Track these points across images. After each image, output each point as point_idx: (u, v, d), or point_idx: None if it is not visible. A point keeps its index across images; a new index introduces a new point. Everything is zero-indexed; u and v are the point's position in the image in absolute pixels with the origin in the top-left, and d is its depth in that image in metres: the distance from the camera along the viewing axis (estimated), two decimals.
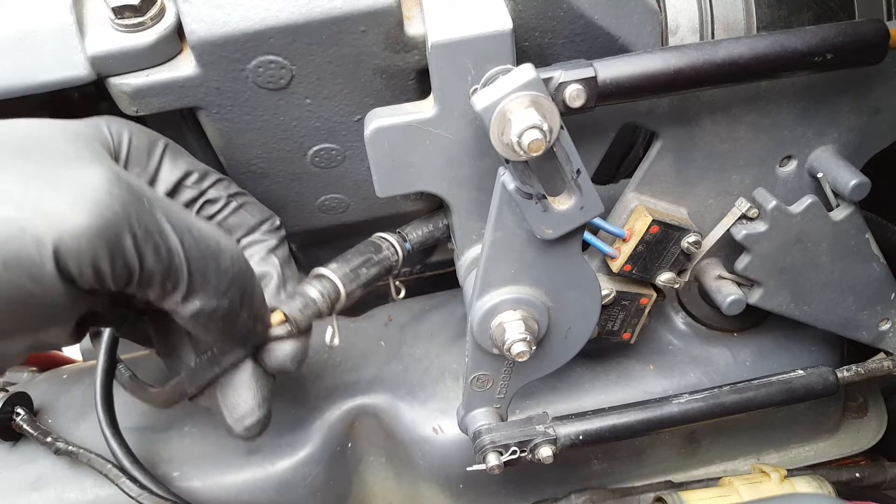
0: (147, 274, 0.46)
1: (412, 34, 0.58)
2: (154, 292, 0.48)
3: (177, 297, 0.49)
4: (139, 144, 0.54)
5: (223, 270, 0.50)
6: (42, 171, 0.43)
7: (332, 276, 0.62)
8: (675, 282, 0.67)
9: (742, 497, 0.74)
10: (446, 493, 0.85)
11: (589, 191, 0.53)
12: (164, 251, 0.46)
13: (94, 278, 0.43)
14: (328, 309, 0.61)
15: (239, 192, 0.61)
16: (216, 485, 0.79)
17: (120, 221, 0.43)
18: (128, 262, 0.44)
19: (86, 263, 0.42)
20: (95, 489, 0.79)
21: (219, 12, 0.55)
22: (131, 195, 0.44)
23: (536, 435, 0.66)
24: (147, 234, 0.45)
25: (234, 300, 0.52)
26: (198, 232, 0.49)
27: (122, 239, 0.43)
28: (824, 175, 0.65)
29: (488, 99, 0.47)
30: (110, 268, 0.43)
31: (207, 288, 0.50)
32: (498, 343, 0.60)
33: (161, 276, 0.47)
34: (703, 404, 0.71)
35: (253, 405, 0.60)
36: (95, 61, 0.56)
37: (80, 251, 0.42)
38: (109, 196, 0.43)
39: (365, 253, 0.65)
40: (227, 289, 0.51)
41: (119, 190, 0.44)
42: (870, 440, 0.92)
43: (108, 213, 0.42)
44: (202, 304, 0.50)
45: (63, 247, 0.41)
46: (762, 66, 0.54)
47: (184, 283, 0.48)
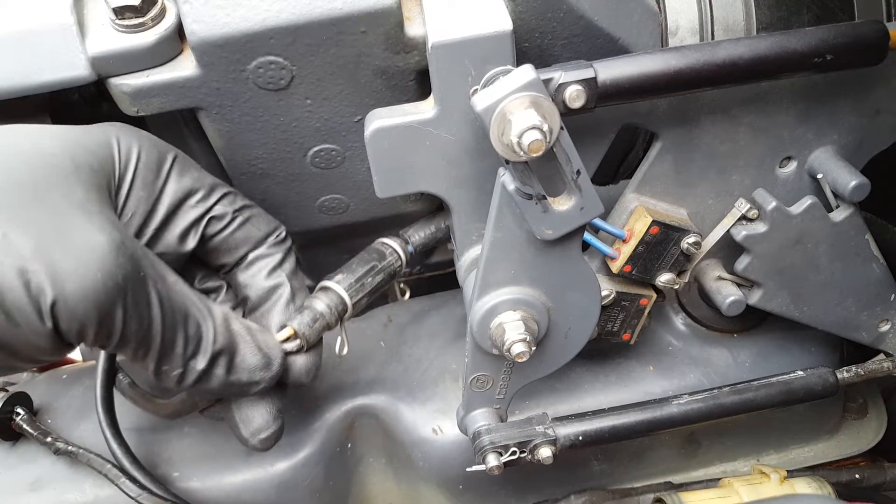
0: (125, 340, 0.48)
1: (412, 35, 0.58)
2: (125, 354, 0.50)
3: (148, 364, 0.51)
4: (148, 161, 0.54)
5: (189, 338, 0.52)
6: (51, 221, 0.44)
7: (338, 288, 0.63)
8: (674, 282, 0.67)
9: (742, 498, 0.74)
10: (446, 493, 0.85)
11: (589, 191, 0.53)
12: (146, 323, 0.48)
13: (77, 336, 0.45)
14: (336, 321, 0.63)
15: (245, 205, 0.61)
16: (216, 485, 0.79)
17: (117, 295, 0.45)
18: (111, 329, 0.46)
19: (74, 325, 0.44)
20: (95, 489, 0.79)
21: (219, 13, 0.55)
22: (132, 266, 0.46)
23: (536, 435, 0.66)
24: (136, 306, 0.47)
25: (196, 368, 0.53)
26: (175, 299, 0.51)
27: (114, 311, 0.45)
28: (824, 176, 0.65)
29: (488, 99, 0.47)
30: (94, 333, 0.46)
31: (174, 355, 0.52)
32: (498, 343, 0.60)
33: (135, 345, 0.49)
34: (702, 405, 0.71)
35: (268, 418, 0.62)
36: (96, 62, 0.56)
37: (75, 314, 0.44)
38: (114, 266, 0.45)
39: (369, 262, 0.66)
40: (192, 357, 0.53)
41: (123, 259, 0.46)
42: (869, 441, 0.92)
43: (109, 283, 0.44)
44: (168, 369, 0.52)
45: (59, 306, 0.43)
46: (762, 67, 0.54)
47: (155, 353, 0.51)
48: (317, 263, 0.84)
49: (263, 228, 0.62)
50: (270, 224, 0.63)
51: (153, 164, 0.55)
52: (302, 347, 0.61)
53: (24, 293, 0.42)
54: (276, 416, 0.62)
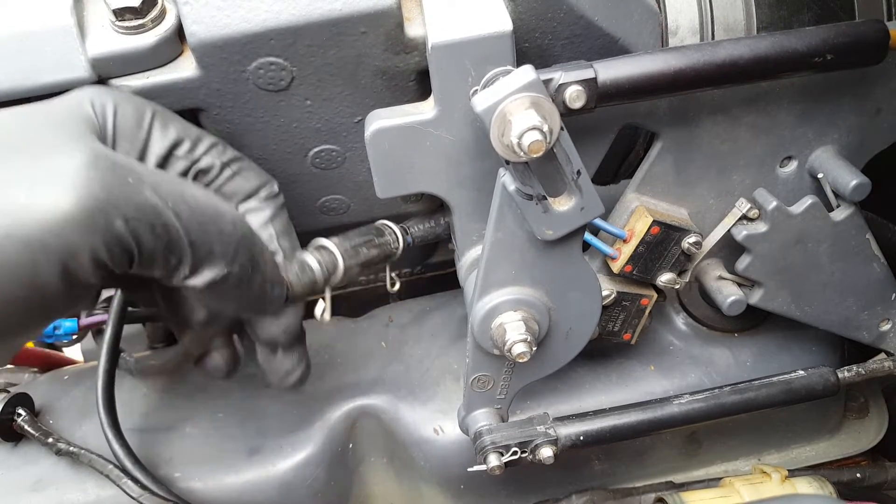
0: (147, 254, 0.44)
1: (412, 35, 0.58)
2: (159, 270, 0.46)
3: (184, 271, 0.47)
4: (126, 116, 0.52)
5: (226, 235, 0.49)
6: (20, 167, 0.42)
7: (333, 248, 0.61)
8: (675, 282, 0.67)
9: (743, 497, 0.74)
10: (447, 493, 0.85)
11: (589, 192, 0.53)
12: (160, 227, 0.44)
13: (95, 269, 0.42)
14: (324, 280, 0.61)
15: (234, 157, 0.58)
16: (217, 486, 0.79)
17: (105, 206, 0.41)
18: (124, 245, 0.43)
19: (83, 255, 0.41)
20: (97, 490, 0.79)
21: (219, 14, 0.55)
22: (113, 175, 0.42)
23: (537, 435, 0.66)
24: (138, 212, 0.43)
25: (244, 265, 0.51)
26: (193, 200, 0.48)
27: (112, 223, 0.41)
28: (825, 175, 0.65)
29: (489, 100, 0.47)
30: (108, 255, 0.42)
31: (213, 257, 0.48)
32: (498, 344, 0.60)
33: (163, 254, 0.45)
34: (703, 405, 0.71)
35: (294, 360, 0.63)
36: (96, 63, 0.56)
37: (72, 243, 0.40)
38: (88, 180, 0.41)
39: (367, 234, 0.65)
40: (235, 254, 0.50)
41: (98, 172, 0.42)
42: (871, 440, 0.92)
43: (90, 198, 0.41)
44: (212, 274, 0.49)
45: (52, 244, 0.40)
46: (762, 66, 0.54)
47: (188, 257, 0.47)
48: None
49: (254, 181, 0.59)
50: (261, 177, 0.60)
51: (131, 117, 0.52)
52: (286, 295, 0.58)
53: (13, 249, 0.39)
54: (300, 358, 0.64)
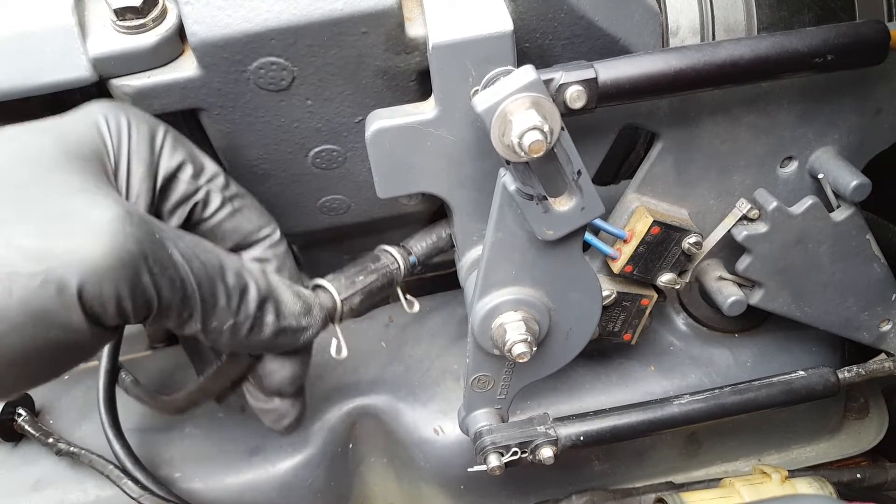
0: (164, 306, 0.47)
1: (413, 35, 0.58)
2: (172, 322, 0.49)
3: (195, 324, 0.50)
4: (140, 135, 0.53)
5: (230, 289, 0.51)
6: (50, 214, 0.43)
7: (327, 285, 0.63)
8: (675, 283, 0.67)
9: (743, 498, 0.74)
10: (447, 494, 0.85)
11: (590, 192, 0.53)
12: (179, 283, 0.47)
13: (118, 316, 0.44)
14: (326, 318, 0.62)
15: (237, 193, 0.59)
16: (217, 486, 0.79)
17: (137, 259, 0.43)
18: (147, 297, 0.45)
19: (110, 303, 0.43)
20: (97, 490, 0.79)
21: (220, 14, 0.55)
22: (143, 231, 0.45)
23: (537, 436, 0.66)
24: (161, 268, 0.45)
25: (250, 313, 0.53)
26: (203, 255, 0.50)
27: (140, 275, 0.44)
28: (825, 176, 0.65)
29: (489, 100, 0.47)
30: (132, 304, 0.44)
31: (219, 310, 0.51)
32: (499, 344, 0.60)
33: (177, 307, 0.48)
34: (703, 405, 0.71)
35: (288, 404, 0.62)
36: (97, 63, 0.56)
37: (104, 292, 0.42)
38: (124, 235, 0.43)
39: (362, 263, 0.66)
40: (239, 306, 0.52)
41: (132, 227, 0.44)
42: (871, 441, 0.92)
43: (125, 251, 0.43)
44: (218, 324, 0.51)
45: (86, 291, 0.42)
46: (763, 67, 0.54)
47: (198, 311, 0.49)
48: (317, 264, 0.84)
49: (255, 222, 0.59)
50: (262, 217, 0.60)
51: (145, 137, 0.53)
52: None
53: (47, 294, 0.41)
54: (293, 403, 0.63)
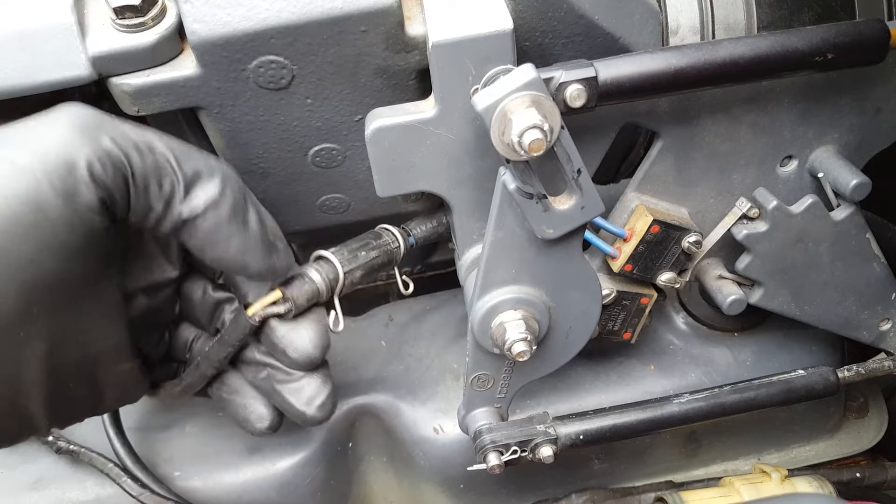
0: (139, 173, 0.47)
1: (413, 34, 0.58)
2: (156, 199, 0.48)
3: (178, 193, 0.49)
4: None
5: (213, 163, 0.51)
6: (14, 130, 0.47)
7: (330, 256, 0.62)
8: (675, 282, 0.67)
9: (743, 497, 0.74)
10: (447, 493, 0.85)
11: (589, 190, 0.53)
12: (146, 148, 0.48)
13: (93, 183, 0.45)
14: (328, 290, 0.61)
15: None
16: (217, 484, 0.79)
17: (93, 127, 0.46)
18: (115, 160, 0.46)
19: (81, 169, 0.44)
20: (97, 488, 0.79)
21: (220, 12, 0.55)
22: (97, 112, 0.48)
23: (537, 434, 0.66)
24: (123, 135, 0.47)
25: (235, 194, 0.52)
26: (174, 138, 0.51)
27: (99, 139, 0.46)
28: (825, 175, 0.65)
29: (489, 99, 0.47)
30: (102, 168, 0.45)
31: (202, 175, 0.50)
32: (499, 343, 0.60)
33: (155, 174, 0.48)
34: (703, 404, 0.71)
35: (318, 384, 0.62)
36: (96, 61, 0.56)
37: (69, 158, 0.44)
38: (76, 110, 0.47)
39: (364, 239, 0.65)
40: (225, 180, 0.51)
41: (84, 109, 0.47)
42: (870, 440, 0.92)
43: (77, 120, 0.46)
44: (205, 194, 0.50)
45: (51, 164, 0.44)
46: (763, 66, 0.54)
47: (179, 177, 0.49)
48: None
49: None
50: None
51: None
52: (290, 311, 0.59)
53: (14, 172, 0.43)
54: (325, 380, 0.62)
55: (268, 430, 0.64)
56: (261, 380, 0.62)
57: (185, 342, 0.65)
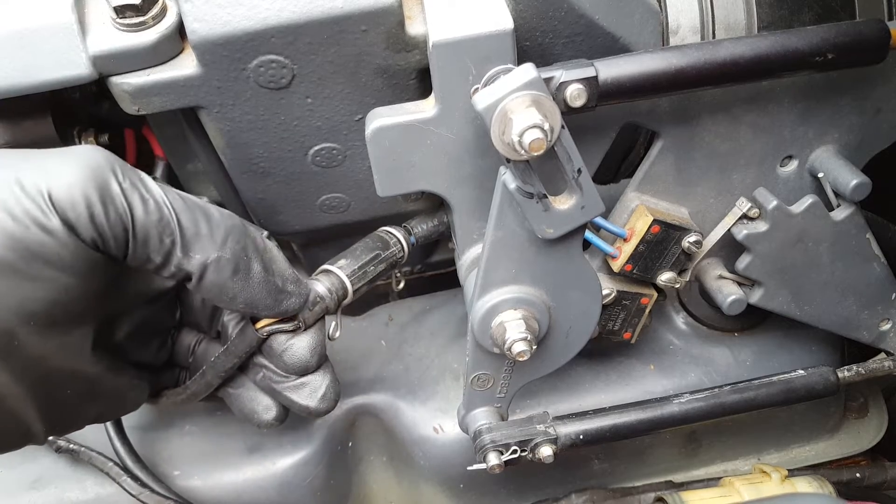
0: (140, 225, 0.48)
1: (413, 34, 0.58)
2: (155, 252, 0.49)
3: (177, 253, 0.50)
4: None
5: (214, 220, 0.52)
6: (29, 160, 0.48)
7: (341, 273, 0.63)
8: (675, 281, 0.67)
9: (743, 497, 0.74)
10: (447, 492, 0.85)
11: (590, 190, 0.53)
12: (152, 203, 0.49)
13: (90, 223, 0.46)
14: (335, 305, 0.62)
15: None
16: (217, 484, 0.79)
17: (104, 171, 0.47)
18: (118, 209, 0.47)
19: (80, 206, 0.45)
20: (96, 488, 0.79)
21: (220, 12, 0.55)
22: (113, 157, 0.49)
23: (537, 434, 0.66)
24: (132, 186, 0.48)
25: (236, 251, 0.52)
26: (180, 193, 0.51)
27: (109, 185, 0.47)
28: (825, 175, 0.65)
29: (489, 98, 0.47)
30: (103, 212, 0.46)
31: (202, 238, 0.51)
32: (499, 342, 0.60)
33: (156, 230, 0.49)
34: (703, 404, 0.71)
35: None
36: (97, 60, 0.56)
37: (73, 194, 0.45)
38: (93, 152, 0.48)
39: (373, 249, 0.65)
40: (224, 239, 0.52)
41: (102, 153, 0.48)
42: (870, 440, 0.92)
43: (92, 163, 0.47)
44: (203, 257, 0.51)
45: (55, 192, 0.45)
46: (763, 66, 0.54)
47: (178, 237, 0.50)
48: (318, 263, 0.83)
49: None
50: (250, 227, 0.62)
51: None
52: (300, 328, 0.60)
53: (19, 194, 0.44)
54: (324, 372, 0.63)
55: (275, 420, 0.64)
56: (259, 380, 0.63)
57: (188, 346, 0.66)
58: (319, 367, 0.62)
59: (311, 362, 0.61)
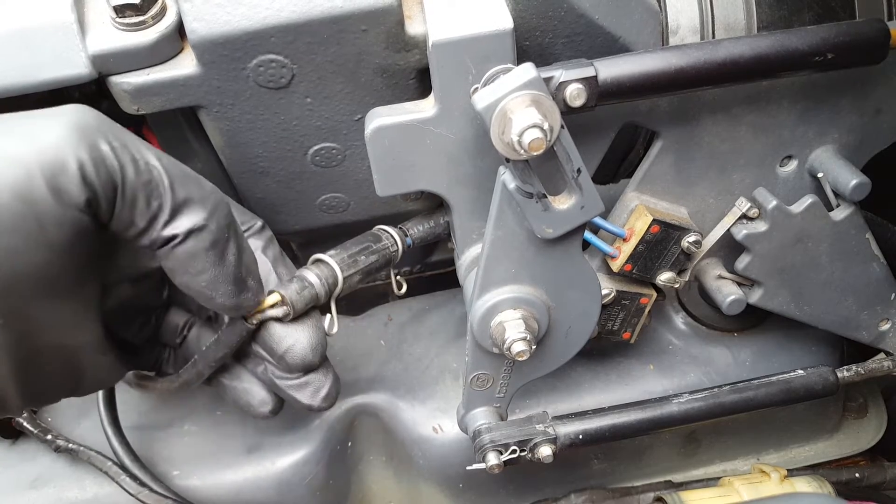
0: (130, 186, 0.47)
1: (413, 33, 0.58)
2: (141, 216, 0.48)
3: (163, 215, 0.49)
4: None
5: (206, 190, 0.51)
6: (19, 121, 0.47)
7: (330, 260, 0.62)
8: (675, 281, 0.67)
9: (742, 497, 0.74)
10: (446, 492, 0.85)
11: (589, 190, 0.53)
12: (143, 163, 0.47)
13: (82, 184, 0.44)
14: (326, 294, 0.61)
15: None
16: (216, 483, 0.79)
17: (94, 130, 0.46)
18: (109, 167, 0.46)
19: (72, 168, 0.44)
20: (95, 487, 0.79)
21: (220, 11, 0.55)
22: (103, 117, 0.47)
23: (536, 434, 0.66)
24: (123, 145, 0.47)
25: (221, 226, 0.51)
26: (171, 158, 0.50)
27: (97, 142, 0.45)
28: (825, 175, 0.65)
29: (489, 98, 0.47)
30: (94, 172, 0.45)
31: (192, 203, 0.50)
32: (498, 342, 0.60)
33: (144, 192, 0.47)
34: (703, 404, 0.71)
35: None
36: (96, 60, 0.56)
37: (62, 155, 0.44)
38: (81, 112, 0.46)
39: (363, 242, 0.65)
40: (214, 209, 0.51)
41: (90, 112, 0.47)
42: (870, 440, 0.92)
43: (81, 123, 0.45)
44: (190, 222, 0.49)
45: (45, 158, 0.43)
46: (763, 65, 0.54)
47: (168, 200, 0.49)
48: None
49: (238, 218, 0.59)
50: (244, 215, 0.62)
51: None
52: (289, 314, 0.59)
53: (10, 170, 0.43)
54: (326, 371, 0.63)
55: (270, 413, 0.64)
56: (261, 373, 0.63)
57: (176, 327, 0.65)
58: (321, 365, 0.62)
59: (314, 361, 0.60)
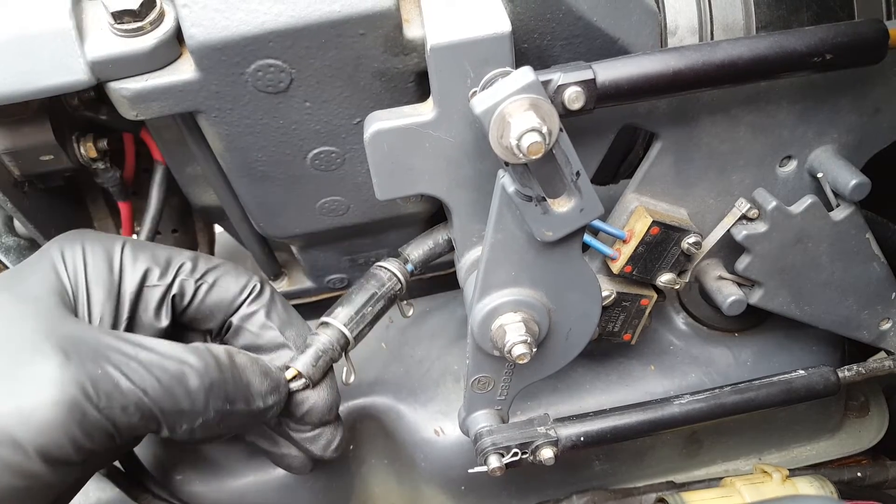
0: (125, 429, 0.50)
1: (411, 37, 0.58)
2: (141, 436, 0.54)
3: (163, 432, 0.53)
4: (96, 263, 0.57)
5: (193, 392, 0.53)
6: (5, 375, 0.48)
7: (338, 324, 0.66)
8: (675, 282, 0.67)
9: (744, 497, 0.74)
10: (448, 495, 0.85)
11: (588, 192, 0.53)
12: (133, 407, 0.50)
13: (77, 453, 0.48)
14: (339, 354, 0.65)
15: (208, 269, 0.63)
16: (218, 488, 0.79)
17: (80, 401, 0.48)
18: (102, 428, 0.49)
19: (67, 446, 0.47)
20: (98, 493, 0.79)
21: (218, 16, 0.55)
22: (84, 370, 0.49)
23: (538, 436, 0.66)
24: (109, 399, 0.49)
25: (218, 409, 0.55)
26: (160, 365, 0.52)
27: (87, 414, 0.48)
28: (824, 175, 0.65)
29: (487, 102, 0.47)
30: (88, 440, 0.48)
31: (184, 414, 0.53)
32: (499, 345, 0.60)
33: (141, 425, 0.51)
34: (704, 405, 0.71)
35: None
36: (95, 66, 0.56)
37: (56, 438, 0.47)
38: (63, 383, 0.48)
39: (369, 290, 0.68)
40: (206, 405, 0.54)
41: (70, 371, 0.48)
42: (871, 440, 0.92)
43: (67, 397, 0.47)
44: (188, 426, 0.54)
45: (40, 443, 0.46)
46: (762, 66, 0.54)
47: (163, 422, 0.52)
48: (317, 265, 0.84)
49: (234, 287, 0.63)
50: (240, 279, 0.64)
51: (102, 261, 0.57)
52: (308, 385, 0.63)
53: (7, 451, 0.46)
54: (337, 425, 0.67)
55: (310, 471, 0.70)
56: (275, 425, 0.66)
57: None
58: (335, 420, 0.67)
59: (329, 419, 0.65)
